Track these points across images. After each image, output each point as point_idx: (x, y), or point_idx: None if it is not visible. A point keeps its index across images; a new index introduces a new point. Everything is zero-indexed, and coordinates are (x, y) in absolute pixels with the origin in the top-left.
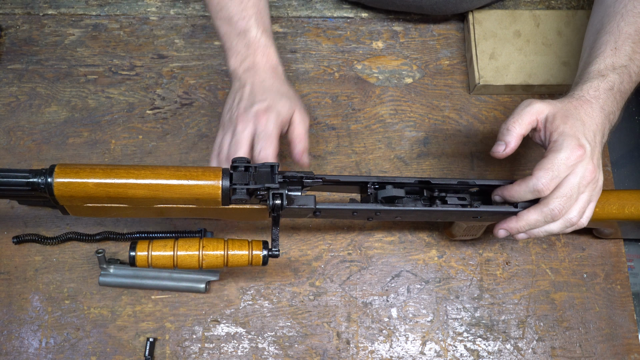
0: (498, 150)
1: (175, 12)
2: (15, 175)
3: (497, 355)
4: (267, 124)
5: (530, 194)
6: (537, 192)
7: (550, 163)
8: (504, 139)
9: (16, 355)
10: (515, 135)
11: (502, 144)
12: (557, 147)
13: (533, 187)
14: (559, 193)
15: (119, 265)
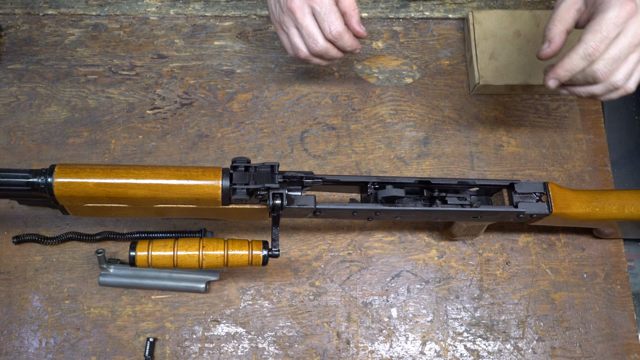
0: (543, 49)
1: (175, 12)
2: (15, 175)
3: (497, 355)
4: (304, 20)
5: (582, 60)
6: (589, 56)
7: (598, 24)
8: (547, 37)
9: (16, 355)
10: (557, 32)
11: (546, 42)
12: (604, 6)
13: (583, 52)
14: (606, 55)
15: (119, 265)
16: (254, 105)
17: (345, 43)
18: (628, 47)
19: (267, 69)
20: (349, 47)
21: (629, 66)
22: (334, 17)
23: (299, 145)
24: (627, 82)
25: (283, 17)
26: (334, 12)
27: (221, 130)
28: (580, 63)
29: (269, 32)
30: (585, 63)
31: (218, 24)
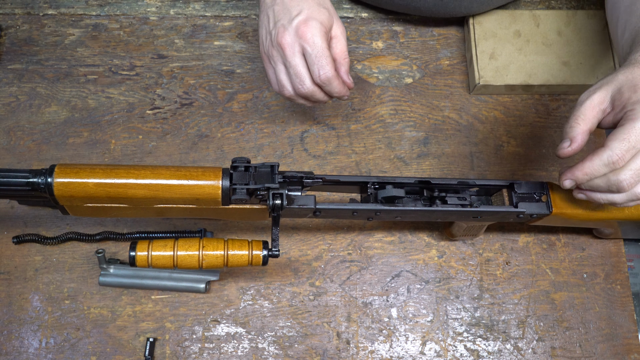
0: (563, 147)
1: (175, 12)
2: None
3: (497, 355)
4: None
5: (605, 167)
6: (613, 164)
7: (627, 132)
8: (569, 135)
9: (16, 355)
10: (580, 132)
11: (567, 140)
12: (633, 115)
13: (607, 159)
14: (633, 165)
15: (119, 265)
16: (254, 105)
17: (334, 89)
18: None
19: None
20: (336, 93)
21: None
22: (325, 61)
23: (299, 145)
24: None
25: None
26: (325, 56)
27: (221, 130)
28: (602, 169)
29: None
30: (607, 170)
31: (218, 24)
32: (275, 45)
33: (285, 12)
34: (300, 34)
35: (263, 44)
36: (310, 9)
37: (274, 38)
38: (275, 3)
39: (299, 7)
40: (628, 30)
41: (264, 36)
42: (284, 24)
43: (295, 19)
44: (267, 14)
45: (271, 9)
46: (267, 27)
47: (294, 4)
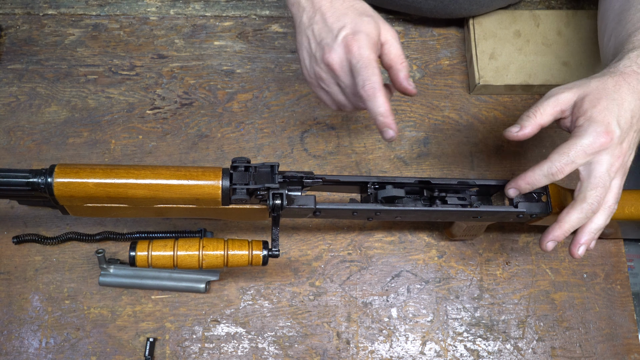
0: (511, 131)
1: (175, 12)
2: (15, 175)
3: (497, 355)
4: (361, 50)
5: (545, 178)
6: (552, 175)
7: (568, 147)
8: (521, 122)
9: (16, 355)
10: (533, 123)
11: (517, 126)
12: (580, 132)
13: (547, 170)
14: (591, 185)
15: (119, 265)
16: (254, 105)
17: (378, 107)
18: (607, 174)
19: (267, 69)
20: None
21: (615, 191)
22: (370, 71)
23: (299, 145)
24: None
25: (320, 73)
26: (371, 67)
27: (221, 130)
28: (543, 180)
29: (269, 32)
30: (547, 180)
31: (218, 24)
32: (323, 67)
33: (327, 30)
34: (347, 47)
35: (306, 67)
36: (353, 22)
37: (319, 59)
38: (314, 22)
39: (340, 22)
40: (614, 37)
41: (306, 59)
42: (328, 42)
43: (339, 34)
44: (306, 35)
45: (310, 29)
46: (308, 49)
47: (334, 19)
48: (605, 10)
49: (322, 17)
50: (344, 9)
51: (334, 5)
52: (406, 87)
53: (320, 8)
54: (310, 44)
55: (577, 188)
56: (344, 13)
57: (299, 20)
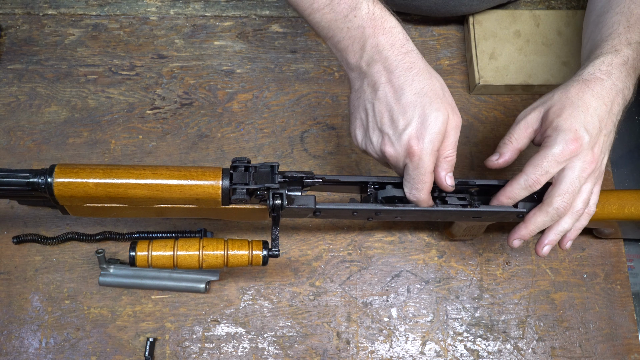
0: (491, 159)
1: (175, 12)
2: (15, 175)
3: (497, 355)
4: (421, 161)
5: (523, 190)
6: (529, 187)
7: (540, 159)
8: (499, 150)
9: (16, 355)
10: (510, 149)
11: (496, 154)
12: (549, 142)
13: (524, 183)
14: (559, 190)
15: (119, 265)
16: (254, 105)
17: (417, 204)
18: (578, 180)
19: (267, 69)
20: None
21: (585, 195)
22: (421, 185)
23: (299, 145)
24: (589, 207)
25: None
26: (423, 181)
27: (221, 130)
28: (521, 192)
29: (269, 32)
30: (525, 192)
31: (218, 24)
32: (376, 151)
33: (390, 118)
34: (408, 152)
35: (357, 136)
36: (422, 117)
37: (375, 144)
38: (378, 98)
39: (408, 114)
40: (590, 41)
41: (359, 131)
42: (390, 135)
43: (404, 133)
44: (364, 107)
45: (370, 104)
46: (364, 122)
47: (402, 108)
48: (589, 11)
49: (387, 97)
50: (415, 91)
51: (401, 85)
52: (442, 183)
53: (385, 85)
54: (367, 120)
55: (547, 191)
56: (414, 102)
57: (357, 85)
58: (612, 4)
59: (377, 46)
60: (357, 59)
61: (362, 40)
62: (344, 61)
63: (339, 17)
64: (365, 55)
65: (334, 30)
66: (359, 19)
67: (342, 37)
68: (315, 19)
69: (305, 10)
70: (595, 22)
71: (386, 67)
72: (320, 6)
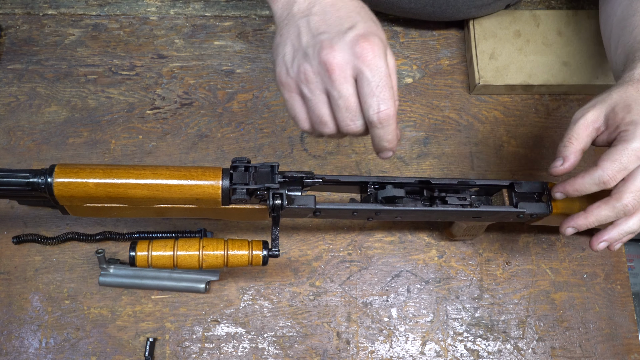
0: (556, 166)
1: (175, 12)
2: (15, 175)
3: (497, 355)
4: (376, 61)
5: (595, 186)
6: (603, 184)
7: (619, 153)
8: (562, 154)
9: (16, 355)
10: (573, 151)
11: (560, 159)
12: (627, 136)
13: (598, 178)
14: (632, 187)
15: (119, 265)
16: (254, 105)
17: (387, 135)
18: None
19: (267, 69)
20: (387, 142)
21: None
22: (388, 93)
23: (299, 145)
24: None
25: (308, 74)
26: (389, 87)
27: (221, 130)
28: (592, 187)
29: (269, 32)
30: (596, 188)
31: (218, 24)
32: (314, 65)
33: (330, 24)
34: (358, 53)
35: (286, 64)
36: (366, 23)
37: (312, 55)
38: (312, 13)
39: (351, 19)
40: (621, 46)
41: (288, 54)
42: (331, 37)
43: (348, 32)
44: (296, 26)
45: (304, 20)
46: (296, 42)
47: (342, 14)
48: (608, 16)
49: (324, 9)
50: (352, 7)
51: (338, 5)
52: None
53: (321, 4)
54: (300, 37)
55: (618, 185)
56: (354, 11)
57: (286, 12)
58: (636, 7)
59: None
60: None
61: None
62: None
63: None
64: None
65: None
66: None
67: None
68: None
69: None
70: (621, 25)
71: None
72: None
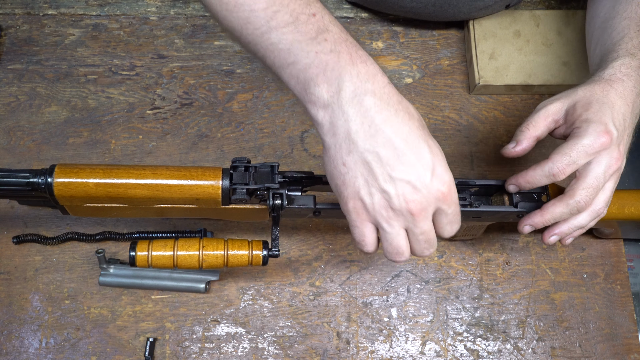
0: (508, 148)
1: (175, 12)
2: (15, 175)
3: (497, 355)
4: (453, 196)
5: (545, 178)
6: (552, 176)
7: (569, 148)
8: (516, 138)
9: (16, 355)
10: (528, 137)
11: (513, 142)
12: (580, 132)
13: (548, 171)
14: (584, 184)
15: (119, 265)
16: (254, 105)
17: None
18: (603, 176)
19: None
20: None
21: (607, 194)
22: (429, 245)
23: (299, 145)
24: (605, 209)
25: (389, 214)
26: (433, 240)
27: (221, 130)
28: (543, 179)
29: None
30: (546, 180)
31: (218, 24)
32: (397, 210)
33: (404, 162)
34: (441, 199)
35: (362, 198)
36: (437, 154)
37: (396, 201)
38: (378, 145)
39: (424, 154)
40: (599, 46)
41: (362, 189)
42: (414, 184)
43: (431, 176)
44: (363, 159)
45: (373, 154)
46: (368, 178)
47: (413, 147)
48: (592, 17)
49: (392, 139)
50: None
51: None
52: None
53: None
54: (373, 172)
55: (571, 184)
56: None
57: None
58: (618, 10)
59: (359, 76)
60: (332, 92)
61: (337, 68)
62: (310, 95)
63: (305, 39)
64: (346, 86)
65: (297, 54)
66: (330, 43)
67: (309, 63)
68: (272, 40)
69: (258, 29)
70: (602, 27)
71: (378, 102)
72: (281, 24)
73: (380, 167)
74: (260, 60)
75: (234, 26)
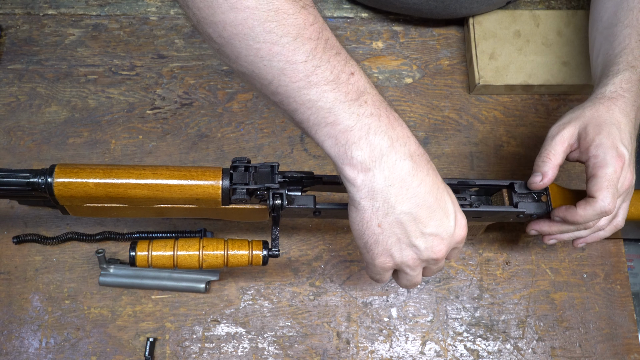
0: (535, 181)
1: (175, 12)
2: (15, 175)
3: (497, 355)
4: (442, 262)
5: (597, 216)
6: (605, 213)
7: (607, 181)
8: (540, 170)
9: (16, 355)
10: (551, 167)
11: (538, 175)
12: (601, 162)
13: (600, 209)
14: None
15: (119, 265)
16: (254, 105)
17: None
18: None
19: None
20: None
21: (624, 212)
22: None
23: (299, 145)
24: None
25: (415, 262)
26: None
27: (221, 130)
28: (594, 217)
29: None
30: (597, 218)
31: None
32: (423, 258)
33: (435, 219)
34: (460, 240)
35: (392, 254)
36: (454, 199)
37: (424, 253)
38: (414, 206)
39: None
40: (602, 54)
41: (394, 248)
42: (442, 236)
43: (454, 225)
44: (399, 222)
45: (408, 215)
46: (401, 237)
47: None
48: (594, 20)
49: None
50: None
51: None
52: None
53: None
54: (407, 232)
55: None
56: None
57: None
58: (620, 17)
59: (398, 140)
60: (375, 157)
61: (380, 133)
62: (350, 159)
63: (347, 99)
64: (388, 151)
65: (338, 115)
66: (370, 106)
67: (351, 126)
68: (310, 96)
69: (295, 83)
70: (605, 34)
71: (414, 165)
72: (322, 80)
73: (414, 225)
74: (287, 112)
75: (263, 75)
